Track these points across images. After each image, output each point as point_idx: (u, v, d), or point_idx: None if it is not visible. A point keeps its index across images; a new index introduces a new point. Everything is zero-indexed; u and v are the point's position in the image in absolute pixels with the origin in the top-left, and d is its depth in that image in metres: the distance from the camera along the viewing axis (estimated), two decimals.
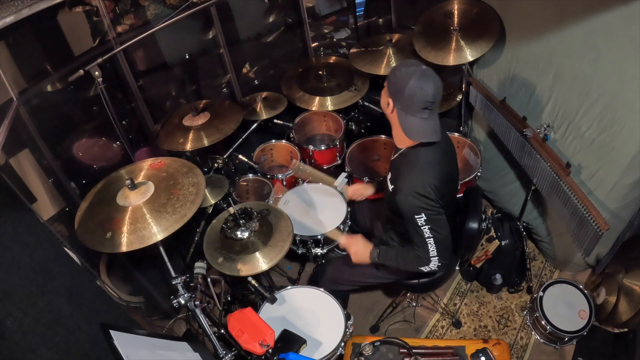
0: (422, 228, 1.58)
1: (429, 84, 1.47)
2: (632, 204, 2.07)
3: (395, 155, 1.74)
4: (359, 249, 1.88)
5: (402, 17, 3.29)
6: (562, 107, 2.12)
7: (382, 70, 2.60)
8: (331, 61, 3.03)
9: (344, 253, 2.24)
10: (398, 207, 1.62)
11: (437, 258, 1.64)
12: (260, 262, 1.82)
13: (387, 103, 1.59)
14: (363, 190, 2.22)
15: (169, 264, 1.68)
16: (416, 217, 1.56)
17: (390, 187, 1.71)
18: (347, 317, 1.82)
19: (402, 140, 1.67)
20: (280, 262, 1.88)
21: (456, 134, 2.76)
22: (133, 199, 1.58)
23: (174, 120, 2.39)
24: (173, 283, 1.60)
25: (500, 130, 2.43)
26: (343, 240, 1.95)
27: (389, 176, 1.75)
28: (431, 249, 1.62)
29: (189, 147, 2.22)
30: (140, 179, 1.69)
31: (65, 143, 2.27)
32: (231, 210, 1.99)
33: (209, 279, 1.79)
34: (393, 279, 2.01)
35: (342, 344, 1.76)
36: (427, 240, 1.60)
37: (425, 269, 1.69)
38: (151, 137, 2.44)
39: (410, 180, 1.58)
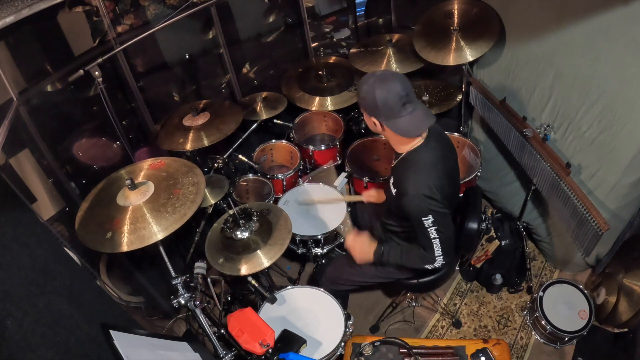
0: (428, 230, 1.59)
1: (392, 83, 1.49)
2: (632, 204, 2.07)
3: (397, 160, 1.73)
4: (364, 249, 1.88)
5: (402, 17, 3.29)
6: (562, 107, 2.12)
7: None
8: (331, 61, 3.03)
9: (344, 253, 2.23)
10: (404, 210, 1.62)
11: (442, 257, 1.67)
12: (261, 260, 1.82)
13: (373, 124, 1.61)
14: (377, 197, 2.14)
15: (169, 264, 1.67)
16: (423, 219, 1.57)
17: (394, 190, 1.71)
18: (347, 317, 1.82)
19: (401, 146, 1.67)
20: (280, 262, 1.88)
21: (456, 134, 2.76)
22: (133, 199, 1.59)
23: (174, 120, 2.39)
24: (173, 283, 1.60)
25: (500, 130, 2.43)
26: (348, 240, 1.93)
27: (392, 180, 1.74)
28: (437, 249, 1.64)
29: (189, 147, 2.22)
30: (140, 179, 1.70)
31: (65, 143, 2.27)
32: (231, 211, 1.99)
33: (209, 279, 1.79)
34: (393, 279, 2.01)
35: (342, 344, 1.76)
36: (433, 241, 1.62)
37: (429, 266, 1.72)
38: (151, 137, 2.44)
39: (415, 182, 1.58)
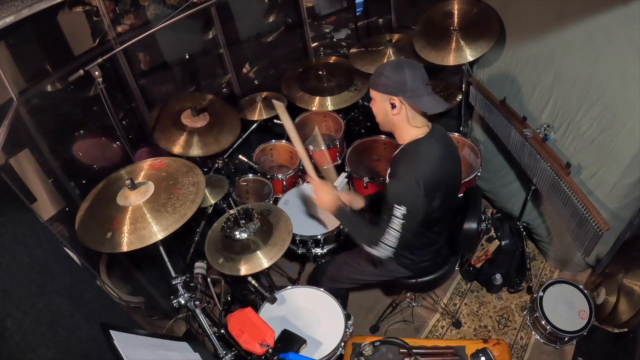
0: (394, 219, 1.56)
1: (417, 66, 1.57)
2: (632, 204, 2.07)
3: (397, 152, 1.74)
4: (326, 197, 1.83)
5: (402, 17, 3.29)
6: (562, 107, 2.12)
7: None
8: (331, 61, 3.02)
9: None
10: (386, 193, 1.61)
11: (387, 248, 1.62)
12: (261, 260, 1.82)
13: (391, 105, 1.59)
14: (355, 202, 2.01)
15: (169, 264, 1.68)
16: (396, 206, 1.55)
17: (388, 180, 1.71)
18: (347, 317, 1.82)
19: (405, 135, 1.67)
20: (280, 262, 1.87)
21: (456, 134, 2.76)
22: (133, 199, 1.58)
23: (173, 109, 2.34)
24: (173, 283, 1.60)
25: (500, 130, 2.43)
26: (315, 183, 1.87)
27: (388, 172, 1.73)
28: (387, 237, 1.60)
29: (184, 152, 2.20)
30: (140, 179, 1.69)
31: (65, 143, 2.28)
32: (232, 211, 1.99)
33: (209, 279, 1.79)
34: (392, 277, 2.01)
35: (342, 344, 1.76)
36: (390, 229, 1.58)
37: (369, 248, 1.67)
38: (151, 137, 2.44)
39: (407, 169, 1.58)
